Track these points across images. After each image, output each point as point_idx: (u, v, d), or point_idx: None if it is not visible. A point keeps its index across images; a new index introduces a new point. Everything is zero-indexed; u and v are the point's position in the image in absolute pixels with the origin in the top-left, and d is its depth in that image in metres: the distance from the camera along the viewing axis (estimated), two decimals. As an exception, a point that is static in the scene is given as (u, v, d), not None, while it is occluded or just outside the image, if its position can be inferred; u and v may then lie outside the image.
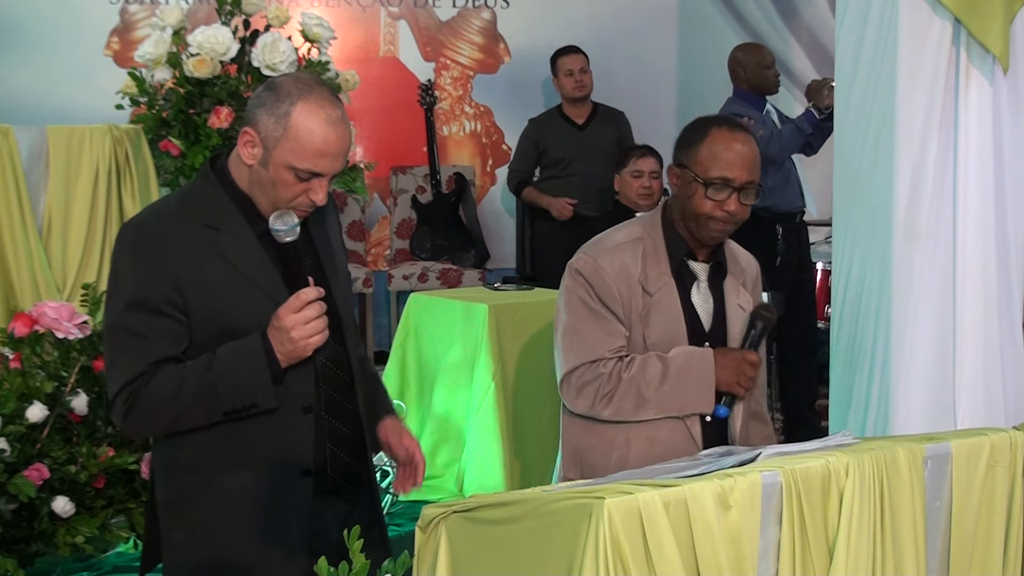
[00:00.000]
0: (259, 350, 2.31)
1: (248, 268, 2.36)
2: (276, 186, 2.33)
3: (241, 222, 2.37)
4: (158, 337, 2.31)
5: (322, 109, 2.32)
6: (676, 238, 2.88)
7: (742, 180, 2.80)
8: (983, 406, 2.95)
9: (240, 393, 2.31)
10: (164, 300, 2.30)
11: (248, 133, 2.34)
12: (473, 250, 7.25)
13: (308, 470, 2.41)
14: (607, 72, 7.22)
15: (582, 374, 2.81)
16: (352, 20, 7.49)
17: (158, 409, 2.31)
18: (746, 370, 2.79)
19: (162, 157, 4.42)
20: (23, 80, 6.91)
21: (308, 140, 2.30)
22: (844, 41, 3.11)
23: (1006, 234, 2.99)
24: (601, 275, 2.81)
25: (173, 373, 2.31)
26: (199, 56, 4.34)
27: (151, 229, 2.38)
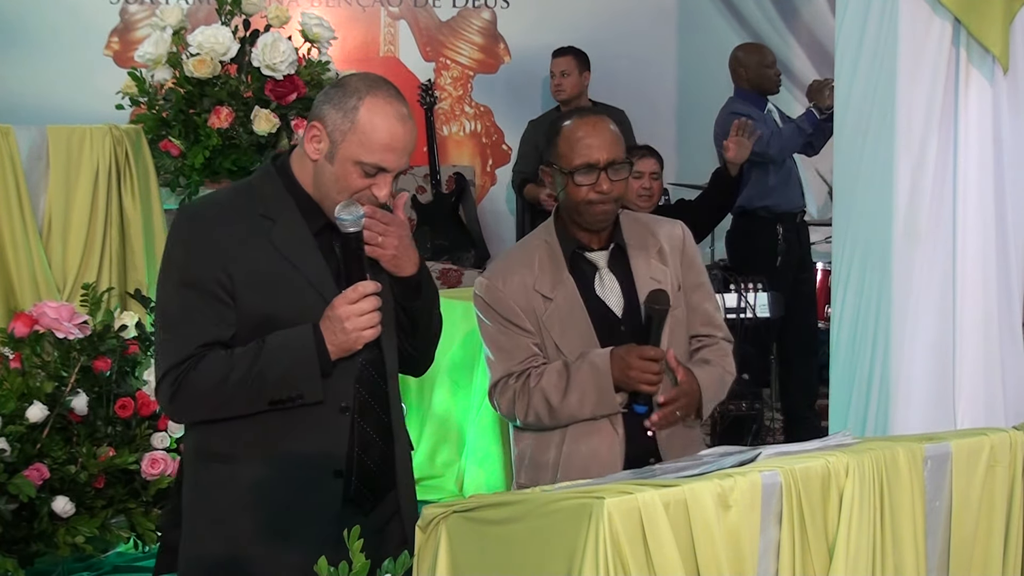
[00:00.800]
0: (310, 341, 2.30)
1: (299, 260, 2.36)
2: (340, 181, 2.34)
3: (297, 216, 2.39)
4: (207, 320, 2.31)
5: (389, 105, 2.35)
6: (566, 236, 2.92)
7: (604, 160, 2.83)
8: (983, 406, 2.95)
9: (288, 383, 2.31)
10: (215, 282, 2.30)
11: (315, 127, 2.36)
12: (473, 250, 7.25)
13: (340, 471, 2.39)
14: (607, 72, 7.22)
15: (501, 389, 2.87)
16: (352, 20, 7.49)
17: (205, 393, 2.31)
18: (643, 366, 2.75)
19: (162, 157, 4.42)
20: (23, 80, 6.92)
21: (375, 135, 2.32)
22: (844, 41, 3.11)
23: (1006, 234, 2.99)
24: (497, 295, 2.87)
25: (222, 358, 2.30)
26: (199, 56, 4.35)
27: (205, 214, 2.40)
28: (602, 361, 2.79)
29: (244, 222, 2.36)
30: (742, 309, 6.01)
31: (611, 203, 2.85)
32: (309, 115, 2.40)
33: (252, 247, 2.34)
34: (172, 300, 2.34)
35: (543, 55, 7.08)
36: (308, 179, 2.40)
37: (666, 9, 8.05)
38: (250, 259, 2.33)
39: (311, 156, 2.37)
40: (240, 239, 2.33)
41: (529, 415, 2.83)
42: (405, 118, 2.36)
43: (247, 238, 2.34)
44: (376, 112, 2.33)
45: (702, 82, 7.99)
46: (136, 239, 4.30)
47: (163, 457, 3.79)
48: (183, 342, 2.31)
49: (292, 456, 2.37)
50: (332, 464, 2.39)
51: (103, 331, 3.82)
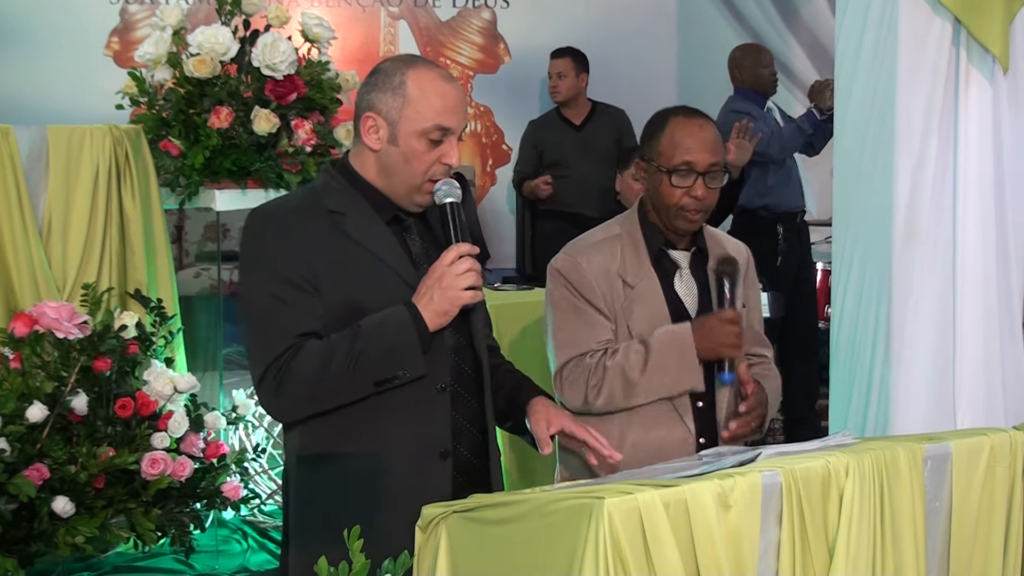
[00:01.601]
0: (406, 316, 2.31)
1: (376, 248, 2.39)
2: (410, 159, 2.38)
3: (367, 208, 2.41)
4: (300, 312, 2.31)
5: (432, 70, 2.41)
6: (653, 230, 2.91)
7: (705, 163, 2.82)
8: (983, 406, 2.95)
9: (389, 361, 2.31)
10: (299, 275, 2.32)
11: (370, 118, 2.39)
12: (473, 250, 7.23)
13: (446, 451, 2.40)
14: (607, 72, 7.23)
15: (571, 369, 2.84)
16: (352, 20, 7.49)
17: (309, 382, 2.29)
18: (726, 329, 2.76)
19: (162, 157, 4.42)
20: (23, 80, 6.92)
21: (430, 99, 2.36)
22: (844, 41, 3.11)
23: (1006, 234, 2.99)
24: (580, 272, 2.86)
25: (320, 346, 2.30)
26: (199, 56, 4.34)
27: (278, 214, 2.42)
28: (683, 330, 2.79)
29: (316, 219, 2.38)
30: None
31: (703, 211, 2.85)
32: (356, 111, 2.44)
33: (328, 240, 2.36)
34: (261, 295, 2.34)
35: (543, 55, 7.08)
36: (372, 173, 2.43)
37: (666, 9, 8.06)
38: (328, 251, 2.35)
39: (373, 147, 2.40)
40: (316, 234, 2.36)
41: (602, 395, 2.79)
42: (450, 78, 2.42)
43: (322, 232, 2.36)
44: (423, 79, 2.38)
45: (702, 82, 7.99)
46: (136, 239, 4.30)
47: (163, 457, 3.79)
48: (279, 335, 2.30)
49: (396, 443, 2.37)
50: (438, 445, 2.40)
51: (103, 331, 3.82)
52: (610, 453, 2.51)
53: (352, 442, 2.36)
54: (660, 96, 7.84)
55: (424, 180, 2.40)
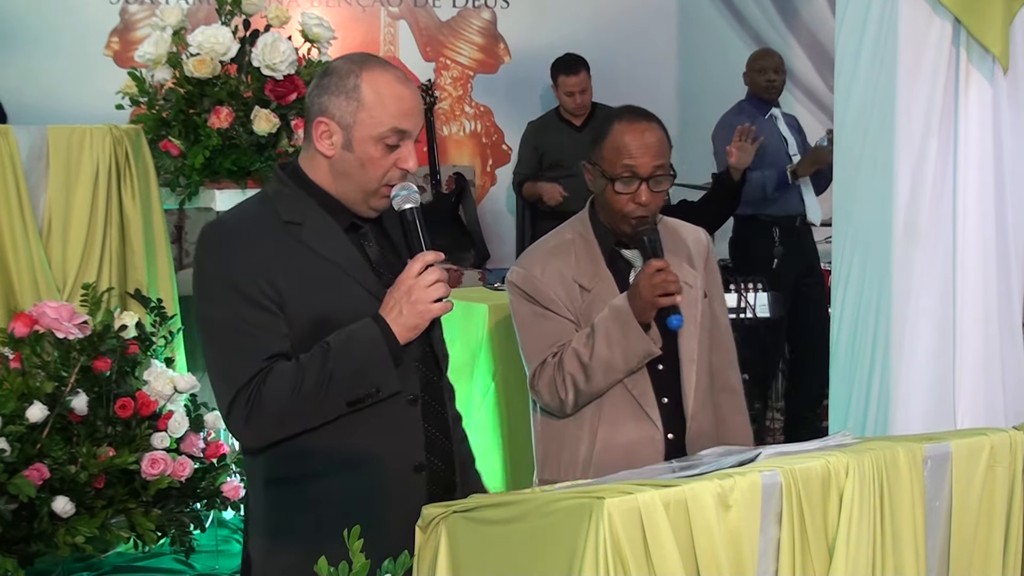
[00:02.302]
0: (375, 331, 2.24)
1: (337, 258, 2.31)
2: (365, 165, 2.29)
3: (325, 217, 2.33)
4: (266, 332, 2.23)
5: (386, 72, 2.32)
6: (604, 231, 2.91)
7: (648, 168, 2.81)
8: (983, 406, 2.95)
9: (362, 379, 2.24)
10: (261, 293, 2.23)
11: (322, 123, 2.30)
12: (473, 250, 7.25)
13: (421, 465, 2.35)
14: (607, 72, 7.22)
15: (541, 374, 2.85)
16: (352, 20, 7.49)
17: (281, 408, 2.21)
18: (655, 280, 2.73)
19: (162, 157, 4.42)
20: (23, 80, 6.91)
21: (385, 102, 2.28)
22: (844, 41, 3.11)
23: (1006, 234, 2.99)
24: (535, 282, 2.87)
25: (290, 368, 2.22)
26: (199, 56, 4.34)
27: (235, 227, 2.34)
28: (619, 300, 2.79)
29: (273, 230, 2.30)
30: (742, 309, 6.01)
31: (649, 215, 2.84)
32: (307, 115, 2.35)
33: (287, 253, 2.28)
34: (224, 318, 2.25)
35: (543, 55, 7.08)
36: (325, 178, 2.34)
37: (666, 9, 8.06)
38: (289, 264, 2.26)
39: (326, 153, 2.32)
40: (274, 247, 2.27)
41: (567, 387, 2.79)
42: (405, 79, 2.34)
43: (280, 245, 2.28)
44: (378, 82, 2.29)
45: (702, 82, 7.99)
46: (136, 239, 4.30)
47: (163, 457, 3.79)
48: (247, 359, 2.22)
49: (369, 459, 2.30)
50: (411, 459, 2.34)
51: (103, 331, 3.82)
52: None
53: (323, 462, 2.29)
54: (660, 96, 7.84)
55: (380, 185, 2.32)
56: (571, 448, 2.87)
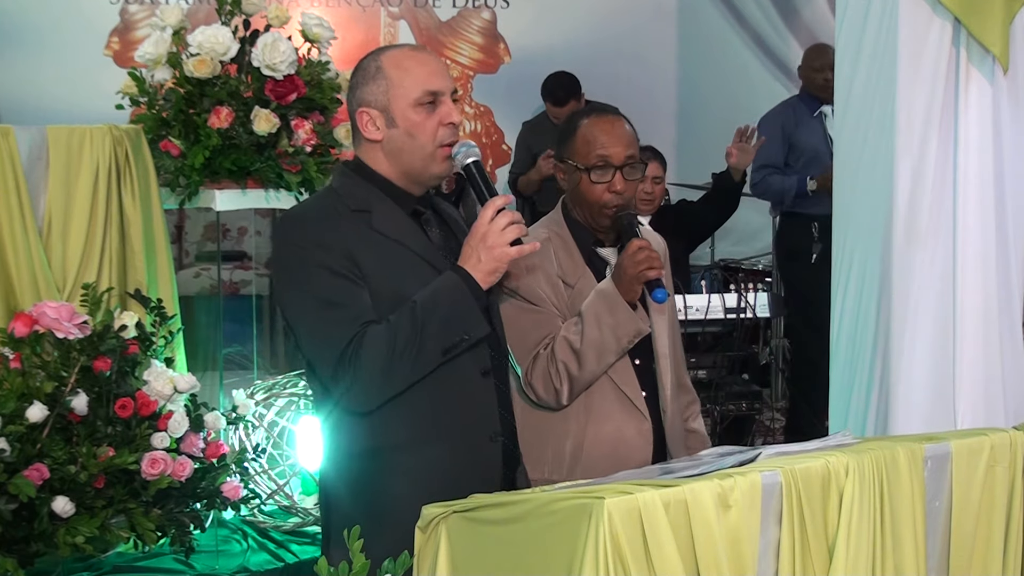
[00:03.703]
0: (455, 280, 2.34)
1: (407, 240, 2.42)
2: (414, 133, 2.42)
3: (390, 204, 2.45)
4: (355, 301, 2.33)
5: (402, 48, 2.51)
6: (580, 230, 2.95)
7: (621, 157, 2.87)
8: (983, 406, 2.95)
9: (452, 325, 2.33)
10: (345, 268, 2.34)
11: (364, 113, 2.44)
12: (473, 250, 7.23)
13: (496, 433, 2.44)
14: (607, 72, 7.23)
15: (533, 368, 2.87)
16: (352, 20, 7.50)
17: (381, 366, 2.30)
18: (637, 257, 2.77)
19: (162, 157, 4.42)
20: (23, 80, 6.92)
21: (410, 70, 2.43)
22: (844, 41, 3.11)
23: (1006, 234, 2.99)
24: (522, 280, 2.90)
25: (382, 329, 2.31)
26: (199, 56, 4.34)
27: (308, 215, 2.47)
28: (604, 284, 2.83)
29: (343, 218, 2.41)
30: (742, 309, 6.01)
31: (625, 204, 2.88)
32: (350, 113, 2.50)
33: (360, 237, 2.38)
34: (313, 294, 2.35)
35: (543, 55, 7.10)
36: (384, 165, 2.47)
37: (666, 9, 8.06)
38: (363, 247, 2.37)
39: (375, 139, 2.45)
40: (346, 232, 2.38)
41: (561, 376, 2.81)
42: (420, 47, 2.51)
43: (353, 230, 2.39)
44: (397, 57, 2.46)
45: (702, 82, 8.00)
46: (136, 239, 4.30)
47: (163, 457, 3.78)
48: (342, 327, 2.32)
49: (448, 429, 2.39)
50: (488, 428, 2.44)
51: (103, 331, 3.82)
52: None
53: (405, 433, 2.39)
54: (660, 96, 7.85)
55: (436, 147, 2.44)
56: (556, 444, 2.89)
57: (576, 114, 3.01)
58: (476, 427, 2.43)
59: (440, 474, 2.38)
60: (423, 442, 2.39)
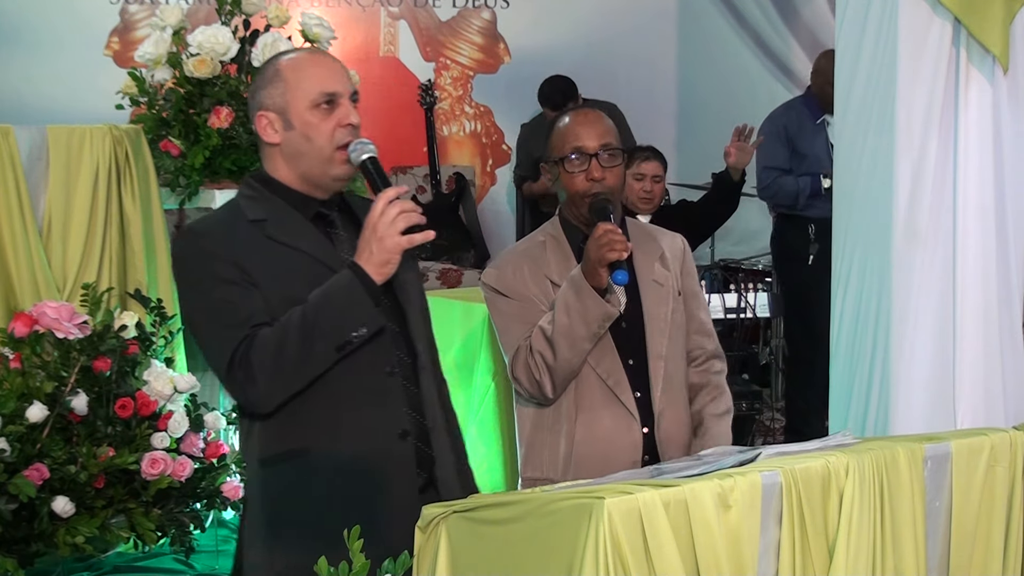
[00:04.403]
0: (349, 275, 2.33)
1: (303, 245, 2.41)
2: (311, 135, 2.40)
3: (287, 210, 2.43)
4: (245, 305, 2.33)
5: (299, 51, 2.53)
6: (574, 231, 2.96)
7: (595, 145, 2.87)
8: (983, 406, 2.95)
9: (345, 321, 2.31)
10: (234, 275, 2.33)
11: (262, 117, 2.43)
12: (473, 250, 7.25)
13: (405, 431, 2.42)
14: (607, 72, 7.23)
15: (516, 362, 2.87)
16: (352, 20, 7.49)
17: (271, 365, 2.29)
18: (601, 240, 2.75)
19: (162, 157, 4.42)
20: (23, 80, 6.92)
21: (306, 72, 2.42)
22: (844, 41, 3.11)
23: (1006, 234, 2.99)
24: (507, 279, 2.92)
25: (273, 329, 2.31)
26: (199, 56, 4.34)
27: (205, 229, 2.46)
28: (574, 271, 2.83)
29: (241, 229, 2.40)
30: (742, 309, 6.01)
31: (606, 192, 2.87)
32: (250, 118, 2.49)
33: (252, 246, 2.37)
34: (206, 303, 2.36)
35: (543, 55, 7.10)
36: (284, 171, 2.45)
37: (666, 9, 8.06)
38: (254, 255, 2.36)
39: (274, 141, 2.43)
40: (243, 242, 2.37)
41: (539, 364, 2.81)
42: (319, 50, 2.52)
43: (248, 240, 2.38)
44: (294, 60, 2.45)
45: (702, 82, 8.00)
46: (136, 239, 4.30)
47: (163, 457, 3.79)
48: (232, 331, 2.31)
49: (353, 430, 2.38)
50: (394, 427, 2.41)
51: (103, 331, 3.82)
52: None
53: (313, 436, 2.37)
54: (660, 96, 7.85)
55: (333, 149, 2.41)
56: (551, 444, 2.90)
57: (555, 117, 3.03)
58: (382, 427, 2.41)
59: (352, 475, 2.37)
60: (330, 444, 2.38)
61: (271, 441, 2.40)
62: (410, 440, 2.43)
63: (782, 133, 5.82)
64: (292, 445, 2.38)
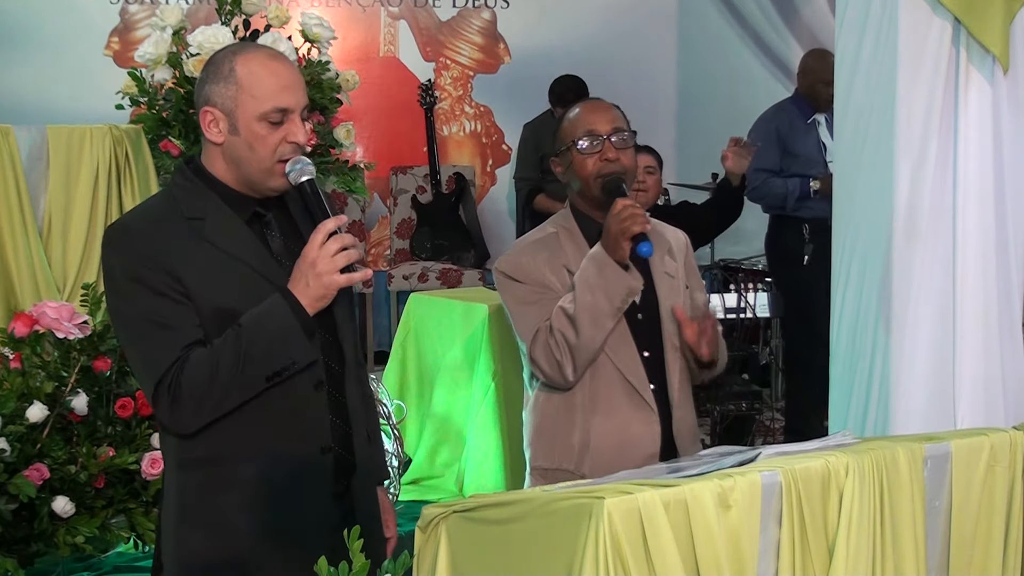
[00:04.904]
0: (282, 305, 2.27)
1: (240, 252, 2.34)
2: (254, 145, 2.32)
3: (225, 210, 2.36)
4: (180, 321, 2.27)
5: (259, 52, 2.37)
6: (587, 221, 2.95)
7: (607, 128, 2.89)
8: (983, 406, 2.95)
9: (277, 353, 2.28)
10: (167, 286, 2.27)
11: (207, 112, 2.34)
12: (473, 250, 7.25)
13: (327, 447, 2.39)
14: (607, 72, 7.23)
15: (535, 345, 2.85)
16: (352, 20, 7.49)
17: (202, 391, 2.26)
18: (621, 214, 2.77)
19: (162, 157, 4.41)
20: (23, 80, 6.92)
21: (261, 81, 2.32)
22: (844, 41, 3.11)
23: (1006, 234, 2.99)
24: (524, 267, 2.91)
25: (206, 353, 2.26)
26: (199, 56, 4.34)
27: (136, 226, 2.37)
28: (594, 248, 2.83)
29: (175, 227, 2.33)
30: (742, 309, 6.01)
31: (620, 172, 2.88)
32: (196, 107, 2.39)
33: (190, 249, 2.31)
34: (136, 312, 2.29)
35: (543, 55, 7.10)
36: (223, 169, 2.38)
37: (666, 9, 8.06)
38: (192, 260, 2.30)
39: (216, 141, 2.35)
40: (176, 243, 2.30)
41: (560, 345, 2.80)
42: (280, 56, 2.38)
43: (182, 241, 2.31)
44: (252, 62, 2.33)
45: (702, 82, 8.00)
46: (136, 239, 4.29)
47: (163, 457, 3.79)
48: (164, 349, 2.26)
49: (278, 441, 2.34)
50: (318, 441, 2.38)
51: (103, 331, 3.82)
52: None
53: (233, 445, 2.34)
54: (660, 96, 7.85)
55: (274, 162, 2.35)
56: (564, 435, 2.89)
57: (564, 111, 3.04)
58: (305, 441, 2.37)
59: (265, 487, 2.34)
60: (248, 455, 2.34)
61: (192, 444, 2.35)
62: (331, 453, 2.40)
63: (774, 136, 5.80)
64: (210, 452, 2.34)
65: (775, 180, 5.77)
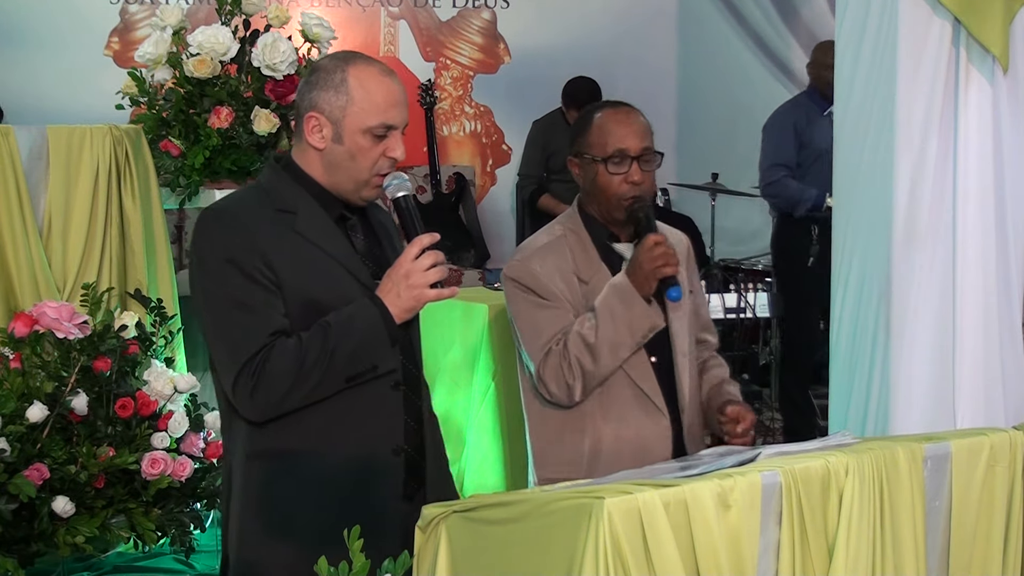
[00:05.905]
0: (373, 311, 2.32)
1: (328, 246, 2.39)
2: (356, 156, 2.38)
3: (315, 206, 2.41)
4: (269, 309, 2.31)
5: (372, 66, 2.42)
6: (596, 226, 2.95)
7: (638, 148, 2.88)
8: (983, 406, 2.95)
9: (361, 356, 2.32)
10: (259, 272, 2.31)
11: (313, 118, 2.39)
12: (473, 250, 7.25)
13: (399, 448, 2.42)
14: (607, 72, 7.22)
15: (546, 364, 2.84)
16: (352, 20, 7.49)
17: (285, 382, 2.29)
18: (653, 253, 2.78)
19: (162, 157, 4.42)
20: (23, 80, 6.92)
21: (374, 96, 2.37)
22: (844, 41, 3.11)
23: (1006, 234, 2.99)
24: (534, 274, 2.88)
25: (293, 344, 2.29)
26: (199, 56, 4.34)
27: (230, 211, 2.42)
28: (618, 278, 2.83)
29: (267, 217, 2.37)
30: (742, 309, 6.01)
31: (642, 195, 2.89)
32: (298, 110, 2.44)
33: (281, 238, 2.35)
34: (226, 295, 2.32)
35: (543, 55, 7.09)
36: (317, 171, 2.42)
37: (666, 9, 8.06)
38: (282, 249, 2.34)
39: (317, 146, 2.40)
40: (268, 231, 2.35)
41: (575, 372, 2.80)
42: (391, 72, 2.43)
43: (274, 230, 2.36)
44: (365, 76, 2.38)
45: (702, 82, 8.00)
46: (136, 239, 4.30)
47: (163, 457, 3.79)
48: (251, 335, 2.29)
49: (351, 438, 2.37)
50: (392, 441, 2.42)
51: (103, 331, 3.82)
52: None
53: (306, 439, 2.37)
54: (660, 96, 7.85)
55: (371, 175, 2.41)
56: (572, 443, 2.87)
57: (590, 108, 3.00)
58: (379, 440, 2.41)
59: (334, 484, 2.37)
60: (319, 450, 2.36)
61: (259, 438, 2.38)
62: (403, 454, 2.43)
63: (790, 130, 5.76)
64: (279, 445, 2.36)
65: (791, 182, 5.72)
